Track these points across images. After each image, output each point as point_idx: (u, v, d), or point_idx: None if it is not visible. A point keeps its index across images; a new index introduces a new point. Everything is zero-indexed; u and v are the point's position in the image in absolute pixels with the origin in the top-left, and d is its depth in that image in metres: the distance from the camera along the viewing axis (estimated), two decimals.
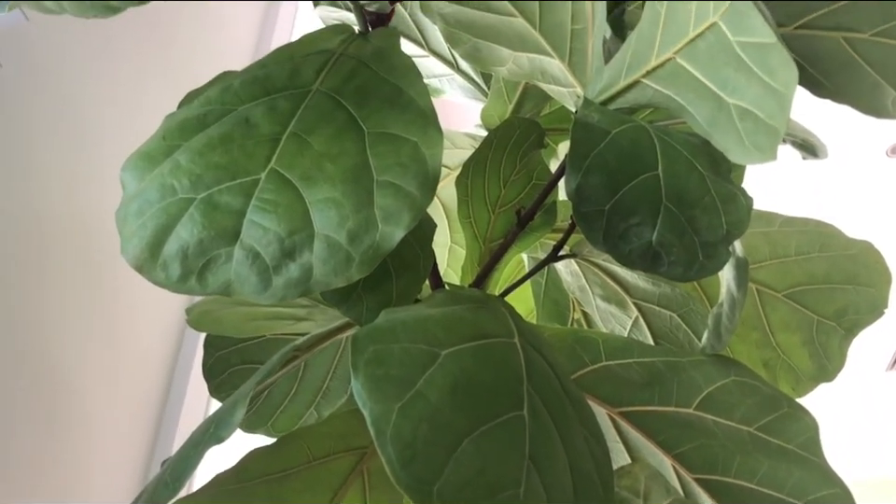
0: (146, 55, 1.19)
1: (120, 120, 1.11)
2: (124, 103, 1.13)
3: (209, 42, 1.36)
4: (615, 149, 0.45)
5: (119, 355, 1.09)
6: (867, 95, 0.57)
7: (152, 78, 1.19)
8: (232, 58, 1.42)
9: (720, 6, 0.42)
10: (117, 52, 1.11)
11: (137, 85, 1.16)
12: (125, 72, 1.14)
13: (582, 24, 0.63)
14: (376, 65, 0.49)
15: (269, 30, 1.46)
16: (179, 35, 1.28)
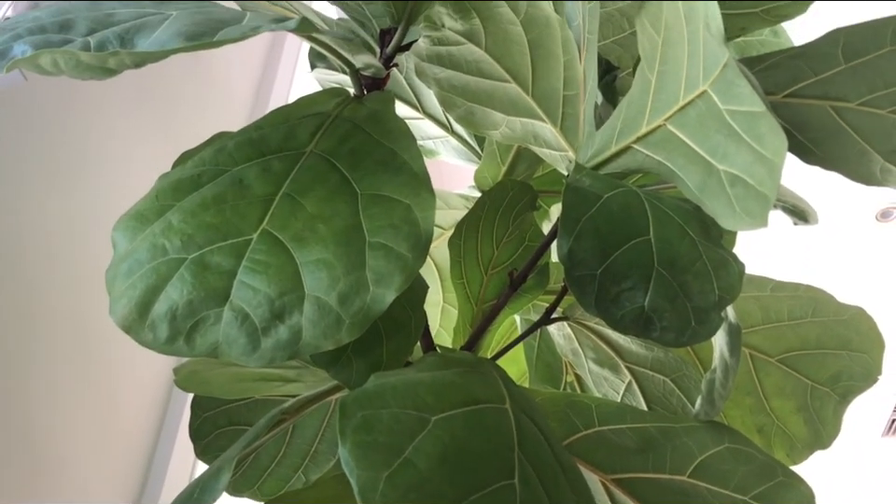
0: (142, 115, 1.20)
1: (114, 180, 1.11)
2: (119, 162, 1.13)
3: (206, 104, 1.38)
4: (606, 214, 0.46)
5: (105, 415, 1.08)
6: (855, 162, 0.58)
7: (148, 138, 1.20)
8: (229, 119, 1.43)
9: (709, 74, 0.43)
10: (113, 112, 1.12)
11: (133, 144, 1.17)
12: (121, 131, 1.14)
13: (574, 90, 0.64)
14: (371, 128, 0.49)
15: (266, 92, 1.48)
16: (176, 95, 1.29)
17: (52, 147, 1.01)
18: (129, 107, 1.17)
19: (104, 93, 1.10)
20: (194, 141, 0.52)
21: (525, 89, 0.66)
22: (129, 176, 1.13)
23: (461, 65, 0.67)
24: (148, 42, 0.40)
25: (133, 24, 0.42)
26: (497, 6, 0.64)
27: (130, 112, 1.17)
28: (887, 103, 0.54)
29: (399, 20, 0.57)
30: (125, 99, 1.15)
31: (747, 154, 0.42)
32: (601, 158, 0.55)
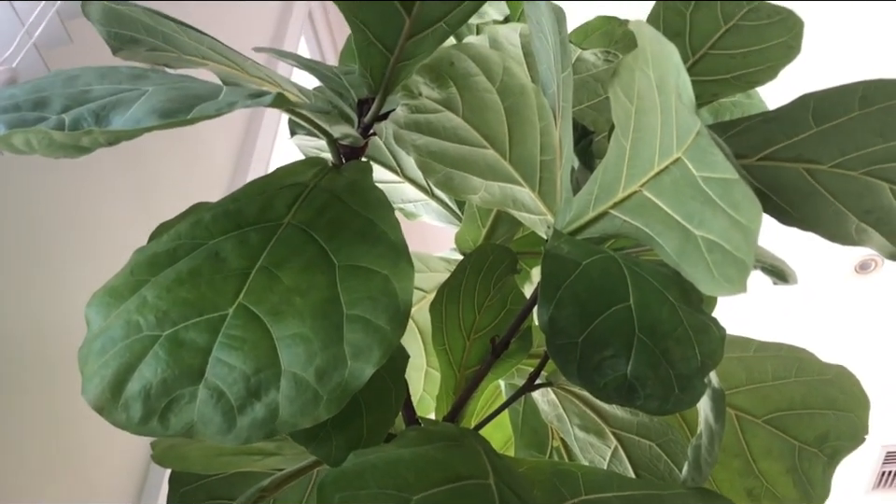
0: (118, 187, 1.18)
1: (90, 254, 1.10)
2: (94, 235, 1.11)
3: (186, 169, 1.37)
4: (586, 281, 0.45)
5: (82, 491, 1.05)
6: (831, 223, 0.58)
7: (124, 211, 1.19)
8: (209, 182, 1.43)
9: (683, 142, 0.44)
10: (89, 184, 1.11)
11: (109, 217, 1.15)
12: (96, 204, 1.13)
13: (551, 156, 0.64)
14: (349, 198, 0.49)
15: (247, 154, 1.48)
16: (156, 161, 1.28)
17: (26, 219, 0.99)
18: (106, 182, 1.15)
19: (81, 161, 1.09)
20: (173, 209, 0.52)
21: (503, 154, 0.67)
22: (105, 250, 1.12)
23: (439, 132, 0.68)
24: (123, 120, 0.40)
25: (108, 101, 0.42)
26: (472, 74, 0.65)
27: (106, 186, 1.16)
28: (858, 164, 0.54)
29: (376, 90, 0.58)
30: (102, 173, 1.14)
31: (723, 220, 0.43)
32: (579, 223, 0.55)
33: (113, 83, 0.45)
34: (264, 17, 1.84)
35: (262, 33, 1.81)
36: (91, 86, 0.45)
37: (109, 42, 0.61)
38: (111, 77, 0.46)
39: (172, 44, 0.60)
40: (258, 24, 1.79)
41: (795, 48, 0.54)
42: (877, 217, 0.56)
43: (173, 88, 0.44)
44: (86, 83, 0.45)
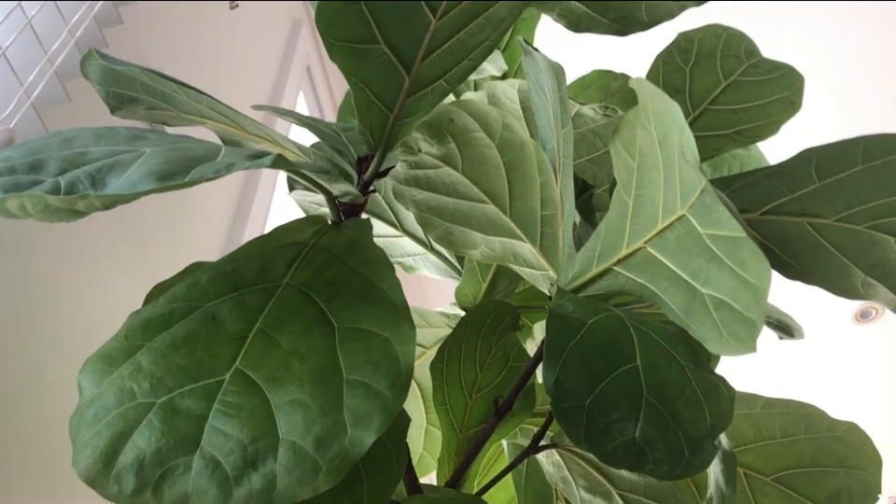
0: (113, 246, 1.17)
1: (86, 316, 1.08)
2: (91, 298, 1.10)
3: (183, 225, 1.36)
4: (592, 341, 0.44)
5: None
6: (836, 277, 0.57)
7: (120, 271, 1.17)
8: (206, 245, 1.41)
9: (687, 199, 0.43)
10: (85, 246, 1.09)
11: (105, 279, 1.13)
12: (93, 265, 1.11)
13: (552, 211, 0.64)
14: (348, 258, 0.48)
15: (245, 210, 1.47)
16: (150, 221, 1.27)
17: (20, 280, 0.98)
18: (102, 243, 1.13)
19: (76, 228, 1.08)
20: (170, 266, 0.51)
21: (503, 209, 0.66)
22: (102, 313, 1.10)
23: (439, 187, 0.67)
24: (119, 182, 0.39)
25: (105, 163, 0.42)
26: (472, 130, 0.65)
27: (103, 248, 1.13)
28: (863, 218, 0.54)
29: (375, 147, 0.57)
30: (99, 235, 1.13)
31: (730, 278, 0.42)
32: (582, 280, 0.54)
33: (110, 144, 0.45)
34: (263, 72, 1.86)
35: (261, 88, 1.82)
36: (87, 147, 0.44)
37: (108, 101, 0.61)
38: (108, 139, 0.46)
39: (170, 103, 0.60)
40: (256, 80, 1.81)
41: (797, 103, 0.54)
42: (884, 271, 0.56)
43: (170, 149, 0.43)
44: (83, 145, 0.45)
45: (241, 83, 1.71)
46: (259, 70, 1.84)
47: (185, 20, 1.37)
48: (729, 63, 0.53)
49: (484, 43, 0.55)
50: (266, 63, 1.89)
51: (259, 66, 1.84)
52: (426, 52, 0.52)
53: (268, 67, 1.89)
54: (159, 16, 1.23)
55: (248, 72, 1.76)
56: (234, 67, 1.67)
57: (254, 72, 1.80)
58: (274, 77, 1.91)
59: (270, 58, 1.91)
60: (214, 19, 1.55)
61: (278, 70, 1.94)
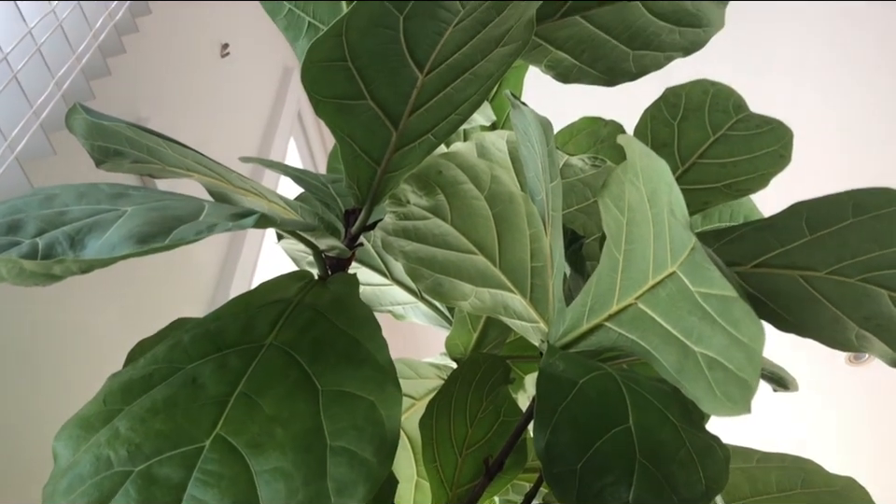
0: (99, 306, 1.13)
1: (68, 374, 1.03)
2: (74, 353, 1.06)
3: (167, 281, 1.33)
4: (583, 402, 0.43)
5: None
6: (830, 329, 0.57)
7: (105, 330, 1.14)
8: (192, 296, 1.38)
9: (677, 257, 0.43)
10: (67, 302, 1.06)
11: (89, 337, 1.10)
12: (75, 321, 1.08)
13: (541, 262, 0.63)
14: (334, 316, 0.48)
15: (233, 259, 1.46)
16: (134, 273, 1.24)
17: (3, 343, 0.95)
18: (86, 300, 1.09)
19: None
20: (155, 319, 0.50)
21: (493, 260, 0.66)
22: (83, 372, 1.05)
23: (427, 238, 0.66)
24: (99, 244, 0.38)
25: (85, 224, 0.41)
26: (461, 182, 0.65)
27: (87, 305, 1.09)
28: (855, 271, 0.53)
29: (363, 201, 0.57)
30: (82, 289, 1.09)
31: (723, 337, 0.41)
32: (573, 335, 0.53)
33: (91, 203, 0.44)
34: (254, 118, 1.86)
35: (252, 133, 1.83)
36: (68, 206, 0.44)
37: (93, 155, 0.61)
38: (90, 197, 0.45)
39: (155, 156, 0.60)
40: (247, 125, 1.81)
41: (786, 157, 0.54)
42: (878, 324, 0.55)
43: (152, 208, 0.42)
44: (63, 203, 0.44)
45: (232, 129, 1.71)
46: (249, 116, 1.84)
47: (174, 68, 1.38)
48: (717, 118, 0.53)
49: (472, 98, 0.55)
50: (257, 108, 1.90)
51: (249, 112, 1.85)
52: (413, 108, 0.52)
53: (259, 113, 1.90)
54: (147, 66, 1.23)
55: (239, 118, 1.77)
56: (225, 113, 1.67)
57: (245, 118, 1.81)
58: (265, 123, 1.92)
59: (261, 104, 1.92)
60: (204, 66, 1.56)
61: (269, 116, 1.95)
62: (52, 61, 0.80)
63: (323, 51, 0.45)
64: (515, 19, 0.50)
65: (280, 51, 2.09)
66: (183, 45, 1.43)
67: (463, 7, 0.45)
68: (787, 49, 2.54)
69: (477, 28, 0.48)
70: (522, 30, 0.52)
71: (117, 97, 1.10)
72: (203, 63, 1.54)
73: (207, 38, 1.57)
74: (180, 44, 1.42)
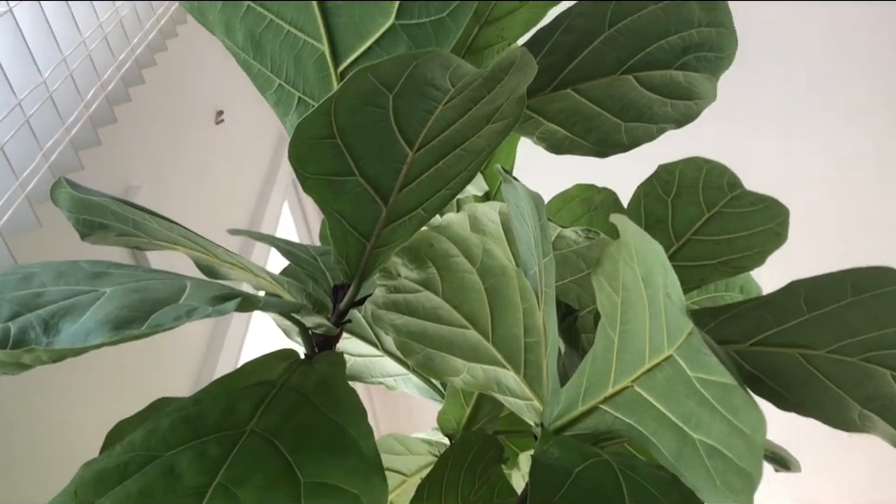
0: (77, 382, 1.08)
1: (41, 461, 0.98)
2: (47, 439, 1.00)
3: (150, 363, 1.29)
4: (579, 493, 0.41)
5: None
6: (831, 409, 0.55)
7: (82, 409, 1.08)
8: (176, 374, 1.34)
9: (674, 340, 0.41)
10: (42, 376, 1.01)
11: (65, 415, 1.04)
12: (51, 398, 1.03)
13: (535, 338, 0.62)
14: (319, 400, 0.46)
15: (223, 328, 1.43)
16: (118, 357, 1.20)
17: None
18: (64, 382, 1.04)
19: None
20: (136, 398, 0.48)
21: (485, 335, 0.64)
22: (62, 459, 0.99)
23: (418, 312, 0.65)
24: (73, 330, 0.37)
25: (61, 306, 0.39)
26: (452, 255, 0.64)
27: (63, 388, 1.05)
28: (856, 350, 0.52)
29: (352, 276, 0.56)
30: (62, 372, 1.04)
31: (722, 424, 0.39)
32: (568, 417, 0.51)
33: (70, 283, 0.43)
34: (248, 182, 1.87)
35: (246, 197, 1.83)
36: (46, 287, 0.42)
37: (78, 228, 0.60)
38: (69, 276, 0.44)
39: (142, 230, 0.59)
40: (241, 189, 1.81)
41: (782, 234, 0.53)
42: (881, 405, 0.53)
43: (132, 289, 0.41)
44: (41, 284, 0.43)
45: (226, 194, 1.71)
46: (244, 181, 1.84)
47: (167, 136, 1.38)
48: (711, 195, 0.53)
49: (463, 173, 0.54)
50: (251, 173, 1.90)
51: (244, 177, 1.85)
52: (403, 183, 0.51)
53: (253, 178, 1.90)
54: (139, 135, 1.23)
55: (233, 183, 1.77)
56: (219, 179, 1.67)
57: (239, 182, 1.81)
58: (259, 187, 1.92)
59: (255, 169, 1.93)
60: (198, 133, 1.56)
61: (263, 180, 1.95)
62: (41, 132, 0.79)
63: (312, 129, 0.45)
64: (506, 96, 0.49)
65: (275, 116, 2.11)
66: (177, 113, 1.44)
67: (453, 86, 0.44)
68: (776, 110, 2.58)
69: (468, 105, 0.47)
70: (513, 106, 0.51)
71: (106, 167, 1.09)
72: (198, 130, 1.55)
73: (201, 105, 1.58)
74: (174, 112, 1.42)
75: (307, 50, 0.52)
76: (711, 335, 0.55)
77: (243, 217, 1.77)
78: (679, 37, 0.69)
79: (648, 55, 0.70)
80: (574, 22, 0.68)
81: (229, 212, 1.71)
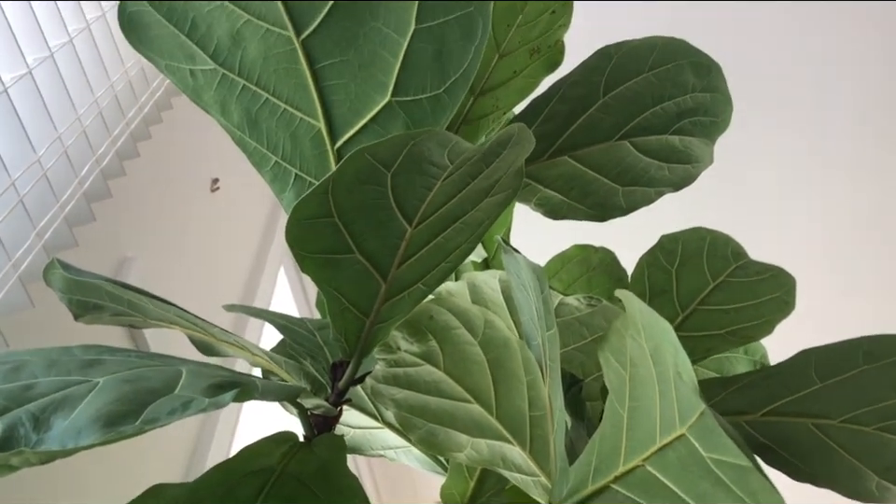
0: (58, 475, 1.02)
1: None
2: None
3: (137, 451, 1.23)
4: None
5: None
6: (848, 479, 0.53)
7: (71, 497, 1.04)
8: (168, 458, 1.29)
9: (686, 420, 0.40)
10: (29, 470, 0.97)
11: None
12: (36, 490, 0.97)
13: (541, 411, 0.60)
14: (319, 487, 0.44)
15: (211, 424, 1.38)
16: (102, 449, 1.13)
17: None
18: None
19: None
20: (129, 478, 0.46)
21: (489, 409, 0.63)
22: None
23: (419, 386, 0.64)
24: (64, 426, 0.35)
25: (52, 399, 0.38)
26: (453, 327, 0.63)
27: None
28: (871, 419, 0.51)
29: (351, 354, 0.55)
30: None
31: None
32: (578, 497, 0.50)
33: (61, 373, 0.42)
34: (244, 248, 1.86)
35: (242, 263, 1.82)
36: (36, 378, 0.41)
37: (71, 309, 0.59)
38: (60, 366, 0.43)
39: (137, 310, 0.58)
40: (237, 255, 1.81)
41: (790, 303, 0.52)
42: None
43: (126, 379, 0.40)
44: (31, 375, 0.41)
45: (221, 260, 1.70)
46: (239, 247, 1.84)
47: (163, 207, 1.38)
48: (716, 264, 0.52)
49: (462, 246, 0.53)
50: (247, 237, 1.90)
51: (240, 241, 1.85)
52: (402, 259, 0.50)
53: (249, 244, 1.90)
54: (134, 207, 1.23)
55: (229, 249, 1.77)
56: (216, 244, 1.67)
57: (235, 249, 1.81)
58: (256, 251, 1.92)
59: (251, 235, 1.92)
60: (194, 202, 1.56)
61: (259, 244, 1.95)
62: (35, 211, 0.78)
63: (309, 210, 0.44)
64: (504, 169, 0.49)
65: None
66: (172, 183, 1.44)
67: (451, 163, 0.44)
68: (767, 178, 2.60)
69: (466, 180, 0.47)
70: (511, 179, 0.51)
71: (101, 241, 1.08)
72: (193, 198, 1.55)
73: (197, 174, 1.59)
74: (169, 182, 1.42)
75: (303, 128, 0.52)
76: (721, 406, 0.54)
77: (239, 282, 1.76)
78: (673, 103, 0.69)
79: (643, 121, 0.70)
80: (569, 91, 0.68)
81: (226, 277, 1.70)
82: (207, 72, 0.51)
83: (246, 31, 0.49)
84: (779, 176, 2.58)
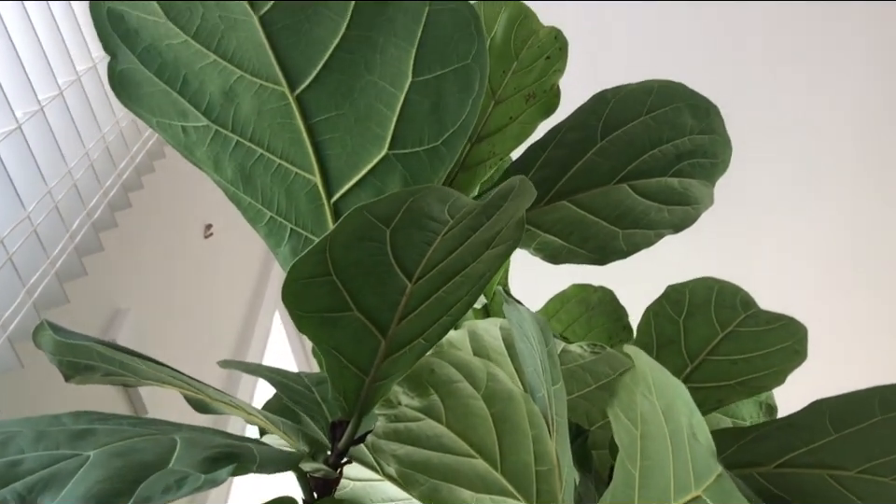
0: None
1: None
2: None
3: None
4: None
5: None
6: None
7: None
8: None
9: (702, 481, 0.38)
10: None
11: None
12: None
13: (548, 466, 0.59)
14: None
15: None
16: None
17: None
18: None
19: None
20: None
21: (494, 464, 0.61)
22: None
23: (421, 441, 0.62)
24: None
25: (40, 477, 0.36)
26: (455, 381, 0.61)
27: None
28: (889, 470, 0.49)
29: (350, 412, 0.53)
30: None
31: None
32: None
33: (50, 447, 0.40)
34: (238, 294, 1.85)
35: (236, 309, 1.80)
36: (23, 453, 0.39)
37: (62, 370, 0.57)
38: (49, 438, 0.41)
39: (129, 370, 0.56)
40: (232, 301, 1.79)
41: (801, 352, 0.51)
42: None
43: (117, 453, 0.38)
44: (18, 450, 0.40)
45: (215, 307, 1.68)
46: (234, 291, 1.82)
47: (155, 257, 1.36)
48: (724, 314, 0.51)
49: (464, 298, 0.52)
50: (242, 283, 1.88)
51: (234, 287, 1.83)
52: (402, 315, 0.49)
53: (243, 289, 1.88)
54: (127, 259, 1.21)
55: (224, 293, 1.75)
56: (210, 290, 1.65)
57: (229, 294, 1.79)
58: (250, 296, 1.90)
59: (245, 280, 1.91)
60: (187, 250, 1.55)
61: (254, 289, 1.93)
62: (24, 268, 0.77)
63: (306, 268, 0.43)
64: (506, 221, 0.48)
65: None
66: (165, 231, 1.43)
67: (451, 217, 0.43)
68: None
69: (467, 234, 0.46)
70: (513, 230, 0.50)
71: (93, 295, 1.07)
72: (186, 245, 1.54)
73: (190, 221, 1.57)
74: (162, 231, 1.41)
75: (299, 183, 0.51)
76: (734, 458, 0.52)
77: (234, 328, 1.74)
78: (671, 145, 0.69)
79: (641, 164, 0.70)
80: (566, 136, 0.68)
81: (221, 323, 1.68)
82: (200, 128, 0.50)
83: (239, 87, 0.48)
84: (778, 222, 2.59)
